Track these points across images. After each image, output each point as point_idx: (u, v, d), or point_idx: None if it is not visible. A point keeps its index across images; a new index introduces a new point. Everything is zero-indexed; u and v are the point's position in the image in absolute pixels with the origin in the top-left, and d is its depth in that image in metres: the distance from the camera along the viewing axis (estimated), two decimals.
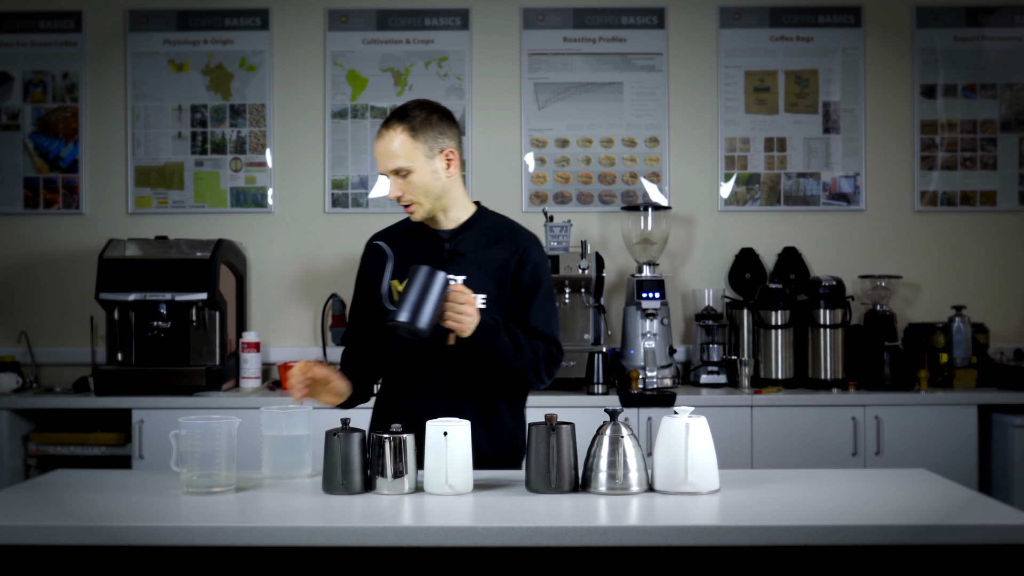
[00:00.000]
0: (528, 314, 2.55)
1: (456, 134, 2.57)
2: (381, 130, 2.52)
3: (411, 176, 2.49)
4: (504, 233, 2.60)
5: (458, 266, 2.54)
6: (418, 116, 2.49)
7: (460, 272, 2.53)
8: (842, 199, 4.55)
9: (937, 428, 3.94)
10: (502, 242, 2.58)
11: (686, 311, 4.53)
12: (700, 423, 2.23)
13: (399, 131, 2.47)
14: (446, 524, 2.00)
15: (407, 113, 2.50)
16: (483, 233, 2.59)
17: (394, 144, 2.47)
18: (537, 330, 2.54)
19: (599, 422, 2.28)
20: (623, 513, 2.09)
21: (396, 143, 2.47)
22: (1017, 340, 4.48)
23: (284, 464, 2.41)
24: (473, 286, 2.49)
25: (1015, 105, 4.54)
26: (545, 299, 2.58)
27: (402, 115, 2.50)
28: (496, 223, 2.63)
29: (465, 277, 2.52)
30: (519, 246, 2.58)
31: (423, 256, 2.53)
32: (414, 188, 2.50)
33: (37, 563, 2.00)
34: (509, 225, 2.65)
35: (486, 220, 2.63)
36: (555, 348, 2.56)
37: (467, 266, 2.54)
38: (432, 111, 2.52)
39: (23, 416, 4.13)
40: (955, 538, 1.95)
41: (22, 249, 4.56)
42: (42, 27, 4.57)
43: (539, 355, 2.51)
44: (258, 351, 4.28)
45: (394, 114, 2.52)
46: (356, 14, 4.57)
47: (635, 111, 4.56)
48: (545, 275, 2.59)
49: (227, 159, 4.56)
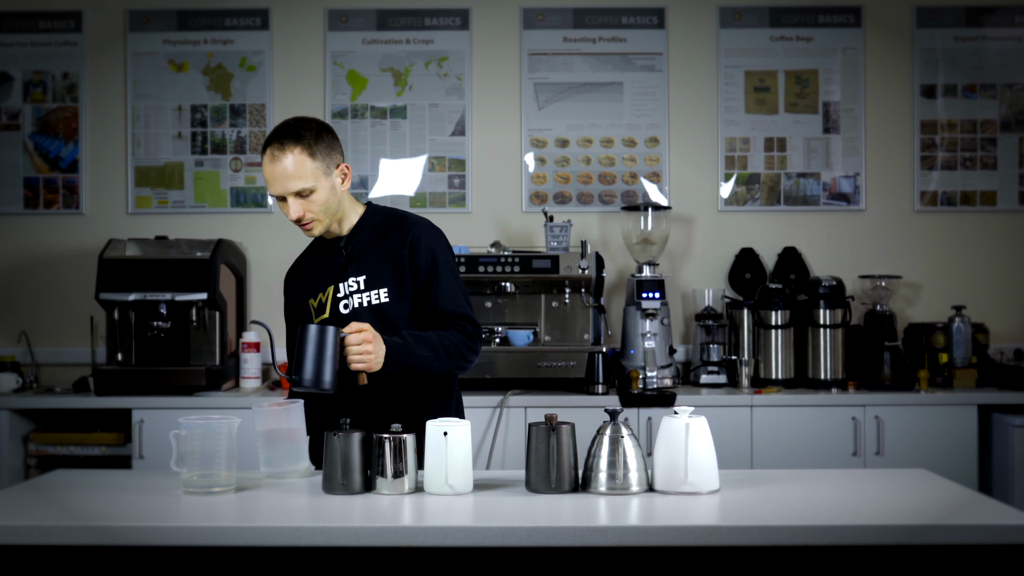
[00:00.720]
0: (435, 296, 2.56)
1: (341, 147, 2.58)
2: (272, 151, 2.47)
3: (313, 196, 2.48)
4: (393, 225, 2.62)
5: (356, 268, 2.58)
6: (310, 135, 2.48)
7: (359, 273, 2.57)
8: (842, 199, 4.55)
9: (937, 428, 3.94)
10: (391, 233, 2.60)
11: (686, 311, 4.53)
12: (700, 423, 2.23)
13: (296, 152, 2.45)
14: (446, 524, 2.00)
15: (299, 133, 2.47)
16: (374, 230, 2.61)
17: (293, 165, 2.45)
18: (447, 312, 2.55)
19: (599, 422, 2.28)
20: (623, 513, 2.09)
21: (295, 164, 2.45)
22: (1017, 340, 4.48)
23: (281, 459, 2.42)
24: (374, 283, 2.55)
25: (1015, 105, 4.54)
26: (448, 277, 2.57)
27: (295, 135, 2.47)
28: (385, 217, 2.64)
29: (365, 276, 2.56)
30: (407, 232, 2.59)
31: (326, 269, 2.60)
32: (315, 207, 2.50)
33: (37, 563, 2.00)
34: (397, 216, 2.65)
35: (376, 217, 2.64)
36: (469, 326, 2.56)
37: (365, 266, 2.58)
38: (320, 128, 2.52)
39: (23, 416, 4.13)
40: (955, 538, 1.95)
41: (22, 249, 4.56)
42: (42, 27, 4.57)
43: (456, 346, 2.51)
44: (258, 351, 4.28)
45: (283, 135, 2.47)
46: (356, 14, 4.57)
47: (635, 111, 4.56)
48: (441, 254, 2.59)
49: (227, 159, 4.56)
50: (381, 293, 2.55)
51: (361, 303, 2.56)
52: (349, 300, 2.57)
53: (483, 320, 4.14)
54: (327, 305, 2.60)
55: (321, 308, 2.61)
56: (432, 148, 4.56)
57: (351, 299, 2.57)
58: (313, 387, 2.34)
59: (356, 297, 2.57)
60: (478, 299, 4.16)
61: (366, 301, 2.56)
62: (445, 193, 4.54)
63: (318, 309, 2.61)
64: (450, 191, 4.55)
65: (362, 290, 2.57)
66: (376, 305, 2.55)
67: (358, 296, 2.57)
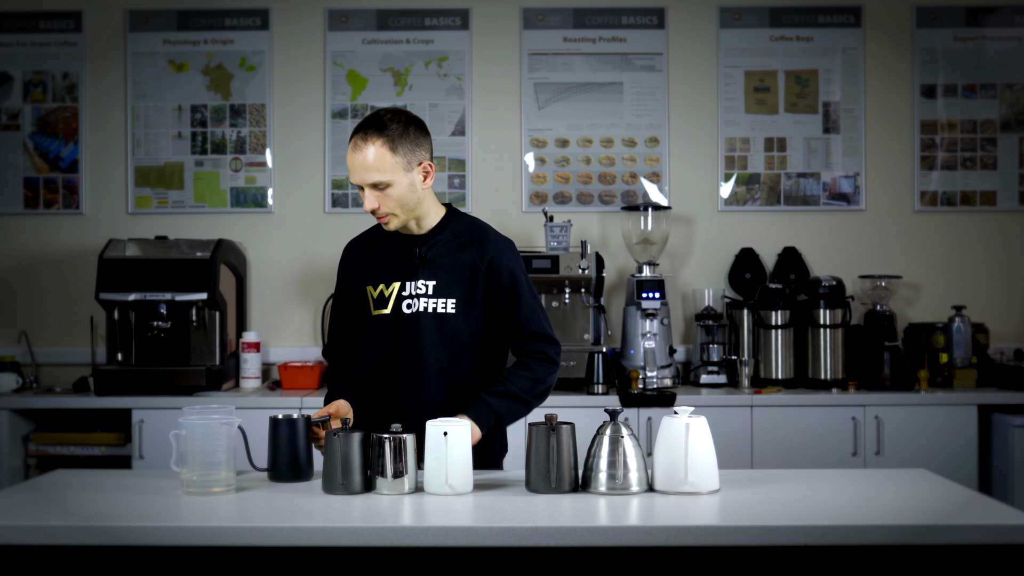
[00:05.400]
0: (519, 318, 2.55)
1: (430, 144, 2.54)
2: (356, 140, 2.46)
3: (389, 190, 2.46)
4: (474, 237, 2.58)
5: (428, 272, 2.55)
6: (396, 128, 2.45)
7: (431, 278, 2.54)
8: (842, 199, 4.55)
9: (937, 428, 3.94)
10: (471, 246, 2.56)
11: (686, 311, 4.53)
12: (700, 423, 2.23)
13: (378, 144, 2.43)
14: (446, 524, 2.00)
15: (384, 125, 2.45)
16: (453, 237, 2.57)
17: (373, 157, 2.43)
18: (529, 333, 2.55)
19: (599, 422, 2.29)
20: (623, 513, 2.09)
21: (375, 156, 2.43)
22: (1017, 340, 4.48)
23: None
24: (443, 291, 2.53)
25: (1015, 105, 4.54)
26: (528, 297, 2.57)
27: (380, 126, 2.45)
28: (466, 227, 2.60)
29: (435, 282, 2.53)
30: (488, 249, 2.56)
31: (397, 263, 2.57)
32: (391, 201, 2.47)
33: (37, 563, 2.00)
34: (480, 228, 2.62)
35: (457, 224, 2.60)
36: (551, 348, 2.59)
37: (437, 272, 2.55)
38: (408, 123, 2.48)
39: (23, 416, 4.13)
40: (955, 538, 1.95)
41: (22, 249, 4.56)
42: (42, 27, 4.57)
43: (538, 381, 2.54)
44: (258, 351, 4.28)
45: (369, 125, 2.46)
46: (356, 14, 4.57)
47: (635, 111, 4.55)
48: (521, 274, 2.58)
49: (227, 159, 4.56)
50: (448, 303, 2.52)
51: (426, 308, 2.52)
52: (414, 302, 2.53)
53: None
54: (390, 300, 2.55)
55: (382, 300, 2.56)
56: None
57: (416, 301, 2.53)
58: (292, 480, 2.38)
59: (422, 300, 2.53)
60: None
61: (431, 307, 2.52)
62: (445, 193, 4.53)
63: (378, 300, 2.57)
64: (450, 191, 4.54)
65: (430, 295, 2.53)
66: (442, 314, 2.52)
67: (424, 300, 2.53)
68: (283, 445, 2.37)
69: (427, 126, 2.55)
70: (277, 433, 2.37)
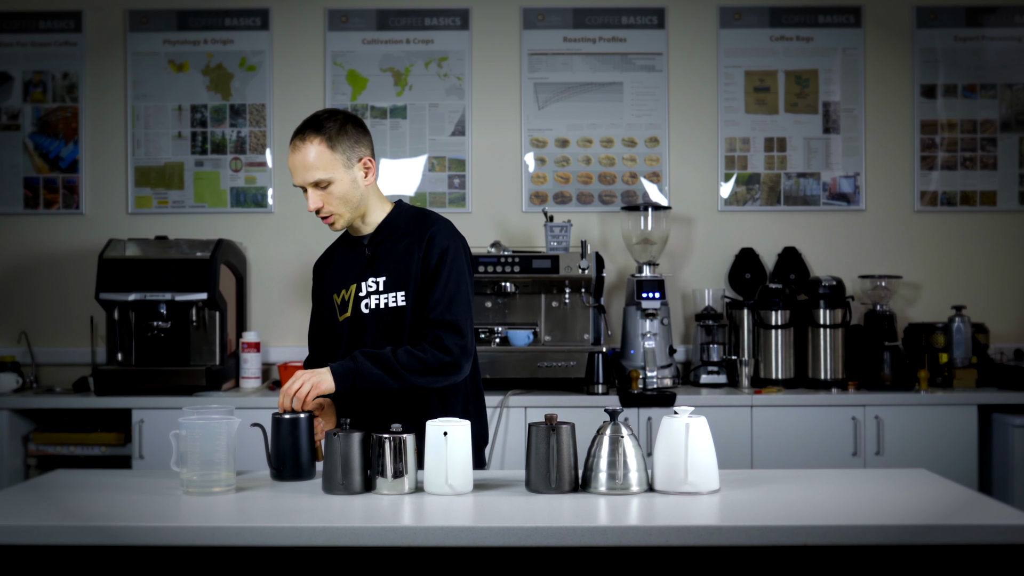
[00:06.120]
0: (429, 299, 2.51)
1: (369, 142, 2.57)
2: (295, 142, 2.49)
3: (331, 187, 2.49)
4: (414, 225, 2.59)
5: (377, 268, 2.57)
6: (333, 126, 2.48)
7: (380, 273, 2.56)
8: (842, 199, 4.55)
9: (937, 428, 3.94)
10: (411, 234, 2.58)
11: (686, 311, 4.53)
12: (700, 423, 2.23)
13: (316, 143, 2.47)
14: (446, 524, 2.00)
15: (322, 124, 2.48)
16: (397, 229, 2.59)
17: (313, 156, 2.46)
18: (434, 320, 2.48)
19: (599, 422, 2.28)
20: (623, 513, 2.09)
21: (315, 155, 2.47)
22: (1017, 340, 4.48)
23: None
24: (392, 285, 2.54)
25: (1015, 105, 4.54)
26: (447, 281, 2.50)
27: (317, 126, 2.48)
28: (409, 217, 2.61)
29: (385, 278, 2.55)
30: (425, 233, 2.56)
31: (351, 265, 2.60)
32: (334, 199, 2.50)
33: (37, 563, 2.00)
34: (420, 215, 2.62)
35: (401, 216, 2.61)
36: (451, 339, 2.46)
37: (387, 266, 2.57)
38: (346, 120, 2.51)
39: (23, 416, 4.13)
40: (955, 538, 1.95)
41: (22, 249, 4.56)
42: (42, 27, 4.57)
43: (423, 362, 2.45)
44: (258, 351, 4.28)
45: (307, 126, 2.49)
46: (356, 14, 4.57)
47: (635, 111, 4.55)
48: (451, 255, 2.52)
49: (227, 159, 4.56)
50: (399, 296, 2.54)
51: (379, 304, 2.55)
52: (369, 300, 2.56)
53: (483, 320, 4.14)
54: (350, 303, 2.59)
55: (344, 306, 2.60)
56: (432, 148, 4.56)
57: (370, 299, 2.56)
58: (295, 479, 2.37)
59: (375, 298, 2.56)
60: (478, 299, 4.16)
61: (383, 303, 2.55)
62: (445, 193, 4.54)
63: (341, 306, 2.61)
64: (450, 191, 4.55)
65: (381, 291, 2.55)
66: (394, 308, 2.54)
67: (376, 297, 2.56)
68: (285, 444, 2.36)
69: (366, 125, 2.59)
70: (279, 432, 2.37)
